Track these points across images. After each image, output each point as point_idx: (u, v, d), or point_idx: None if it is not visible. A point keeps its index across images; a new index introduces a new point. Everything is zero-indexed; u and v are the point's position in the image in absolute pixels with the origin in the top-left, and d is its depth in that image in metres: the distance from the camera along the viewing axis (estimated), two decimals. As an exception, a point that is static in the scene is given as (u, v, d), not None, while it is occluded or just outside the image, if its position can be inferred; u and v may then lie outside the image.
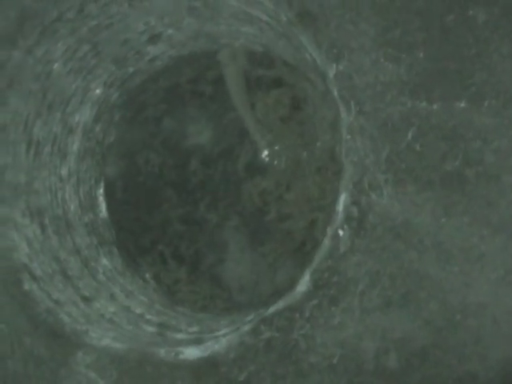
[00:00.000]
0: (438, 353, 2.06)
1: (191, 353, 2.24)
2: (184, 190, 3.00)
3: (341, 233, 2.11)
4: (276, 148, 2.90)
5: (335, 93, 2.12)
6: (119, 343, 2.33)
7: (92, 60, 2.66)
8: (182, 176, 3.01)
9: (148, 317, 2.65)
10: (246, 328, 2.19)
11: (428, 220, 2.06)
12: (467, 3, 2.05)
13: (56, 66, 2.55)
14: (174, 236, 3.00)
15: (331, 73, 2.11)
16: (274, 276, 2.89)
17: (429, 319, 2.06)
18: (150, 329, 2.55)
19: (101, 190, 3.02)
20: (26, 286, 2.41)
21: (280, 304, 2.18)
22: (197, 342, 2.29)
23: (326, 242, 2.13)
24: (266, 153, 2.92)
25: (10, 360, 2.33)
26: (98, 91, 2.80)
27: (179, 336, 2.49)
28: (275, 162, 2.90)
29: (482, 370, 2.04)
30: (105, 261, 2.83)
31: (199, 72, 2.98)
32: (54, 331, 2.36)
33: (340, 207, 2.12)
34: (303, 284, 2.15)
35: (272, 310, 2.18)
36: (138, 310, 2.67)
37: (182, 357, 2.24)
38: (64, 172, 2.77)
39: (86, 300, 2.56)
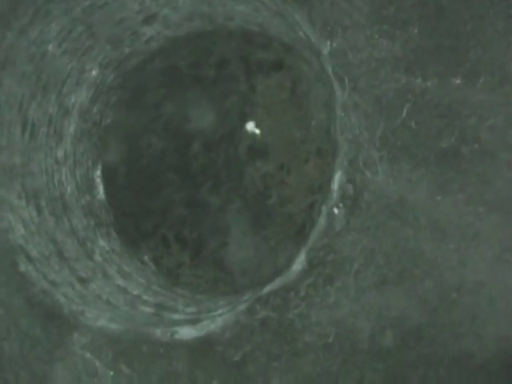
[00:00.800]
0: (434, 331, 2.05)
1: (187, 332, 2.23)
2: (186, 173, 2.99)
3: (336, 211, 2.10)
4: (272, 128, 2.89)
5: (329, 70, 2.11)
6: (115, 324, 2.32)
7: (87, 41, 2.65)
8: (183, 159, 3.00)
9: (145, 298, 2.64)
10: (242, 307, 2.19)
11: (423, 197, 2.05)
12: (462, -21, 2.03)
13: (50, 46, 2.53)
14: (176, 220, 2.99)
15: (325, 50, 2.10)
16: (275, 259, 2.88)
17: (424, 297, 2.05)
18: (147, 309, 2.55)
19: (98, 172, 3.01)
20: (22, 268, 2.41)
21: (275, 283, 2.18)
22: (193, 321, 2.29)
23: (322, 221, 2.12)
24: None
25: (6, 341, 2.33)
26: (93, 72, 2.79)
27: (176, 316, 2.49)
28: (271, 141, 2.88)
29: (478, 348, 2.03)
30: (102, 242, 2.82)
31: (195, 53, 2.96)
32: (50, 312, 2.36)
33: (335, 185, 2.11)
34: (299, 263, 2.14)
35: (267, 289, 2.18)
36: (135, 291, 2.67)
37: (177, 336, 2.24)
38: (60, 154, 2.76)
39: (83, 281, 2.55)
